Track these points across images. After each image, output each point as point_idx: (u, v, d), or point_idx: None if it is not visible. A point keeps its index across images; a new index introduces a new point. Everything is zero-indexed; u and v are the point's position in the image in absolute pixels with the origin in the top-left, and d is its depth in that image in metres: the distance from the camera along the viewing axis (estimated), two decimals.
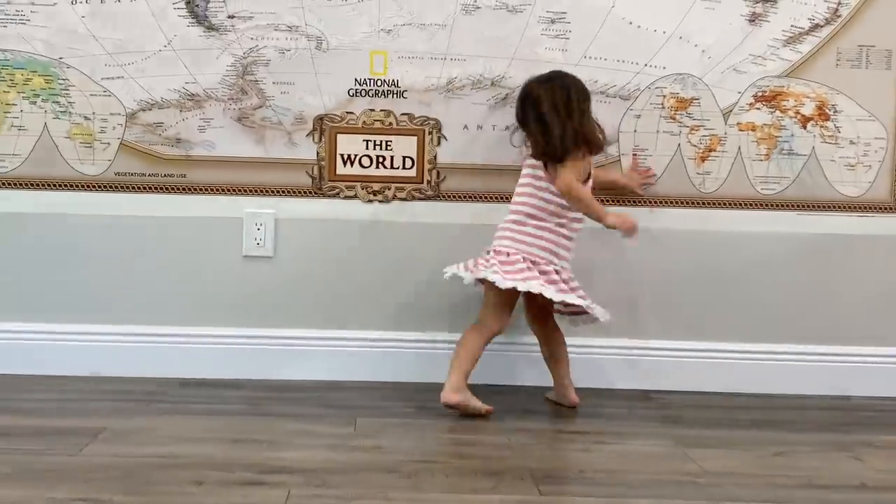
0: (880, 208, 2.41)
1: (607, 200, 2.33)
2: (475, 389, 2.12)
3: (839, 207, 2.40)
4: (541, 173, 2.14)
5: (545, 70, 2.30)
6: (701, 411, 2.22)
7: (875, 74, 2.38)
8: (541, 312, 2.22)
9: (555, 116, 2.09)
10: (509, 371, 2.38)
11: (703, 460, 1.83)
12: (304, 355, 2.39)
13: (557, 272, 2.11)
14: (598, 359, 2.39)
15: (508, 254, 2.12)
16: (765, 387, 2.40)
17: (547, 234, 2.13)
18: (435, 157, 2.37)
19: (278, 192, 2.38)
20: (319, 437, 1.91)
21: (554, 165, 2.11)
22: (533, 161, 2.16)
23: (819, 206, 2.39)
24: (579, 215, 2.15)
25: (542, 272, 2.09)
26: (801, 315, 2.42)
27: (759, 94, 2.37)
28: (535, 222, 2.13)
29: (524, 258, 2.10)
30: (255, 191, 2.38)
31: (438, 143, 2.37)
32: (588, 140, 2.11)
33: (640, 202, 2.38)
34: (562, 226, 2.14)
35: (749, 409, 2.25)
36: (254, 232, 2.38)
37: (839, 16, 2.36)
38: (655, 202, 2.38)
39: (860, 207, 2.41)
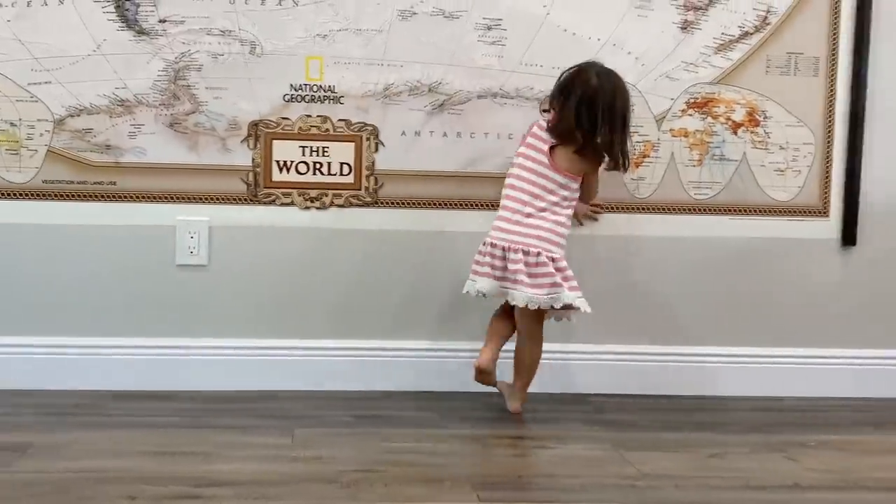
0: (809, 212, 2.47)
1: None
2: (415, 396, 2.11)
3: (770, 212, 2.45)
4: (545, 158, 2.14)
5: (483, 77, 2.32)
6: (639, 414, 2.24)
7: (803, 81, 2.43)
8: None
9: (619, 122, 2.12)
10: (448, 377, 2.38)
11: (640, 463, 1.85)
12: (239, 365, 2.35)
13: (558, 265, 2.12)
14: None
15: (529, 252, 2.10)
16: (700, 389, 2.43)
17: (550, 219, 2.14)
18: (373, 163, 2.36)
19: (212, 199, 2.34)
20: (256, 448, 1.88)
21: (566, 154, 2.13)
22: (540, 145, 2.15)
23: (750, 211, 2.44)
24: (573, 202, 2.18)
25: (558, 269, 2.10)
26: (735, 318, 2.46)
27: (692, 100, 2.41)
28: (540, 205, 2.14)
29: (541, 253, 2.10)
30: (189, 198, 2.34)
31: (376, 150, 2.36)
32: (624, 156, 2.15)
33: None
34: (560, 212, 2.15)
35: (685, 411, 2.28)
36: (187, 240, 2.33)
37: (768, 24, 2.41)
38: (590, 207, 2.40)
39: (790, 211, 2.46)
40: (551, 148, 2.13)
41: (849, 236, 2.47)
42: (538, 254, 2.09)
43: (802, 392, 2.46)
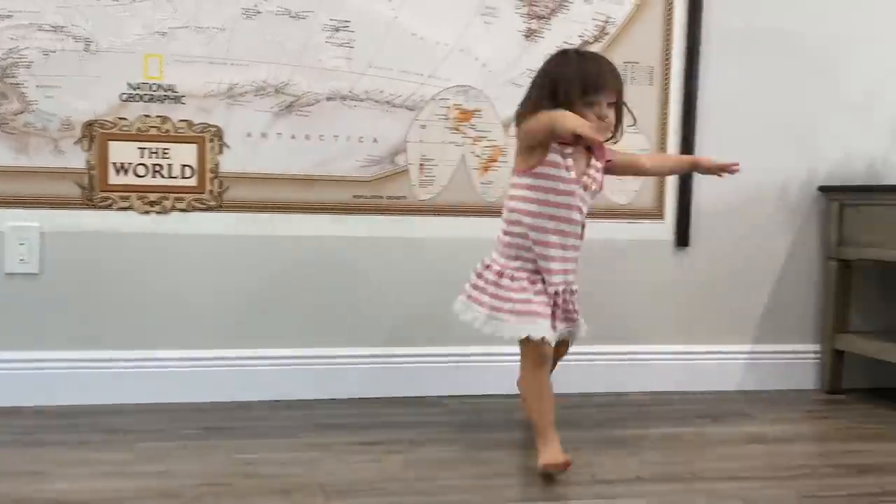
0: (646, 215, 2.57)
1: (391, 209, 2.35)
2: (268, 405, 2.06)
3: (610, 214, 2.53)
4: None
5: (332, 78, 2.30)
6: (492, 414, 2.26)
7: (640, 89, 2.53)
8: None
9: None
10: (302, 385, 2.34)
11: (494, 462, 1.87)
12: (76, 378, 2.23)
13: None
14: (382, 367, 2.40)
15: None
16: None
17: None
18: (217, 165, 2.29)
19: (44, 203, 2.21)
20: (95, 464, 1.79)
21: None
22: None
23: (593, 214, 2.50)
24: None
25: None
26: (583, 317, 2.52)
27: None
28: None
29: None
30: (18, 203, 2.19)
31: (221, 152, 2.29)
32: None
33: (425, 211, 2.41)
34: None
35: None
36: (17, 247, 2.19)
37: (607, 33, 2.50)
38: (442, 211, 2.42)
39: (629, 214, 2.56)
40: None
41: (682, 237, 2.59)
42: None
43: (643, 387, 2.56)
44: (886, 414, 2.43)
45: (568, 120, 1.75)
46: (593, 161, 1.94)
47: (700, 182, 2.58)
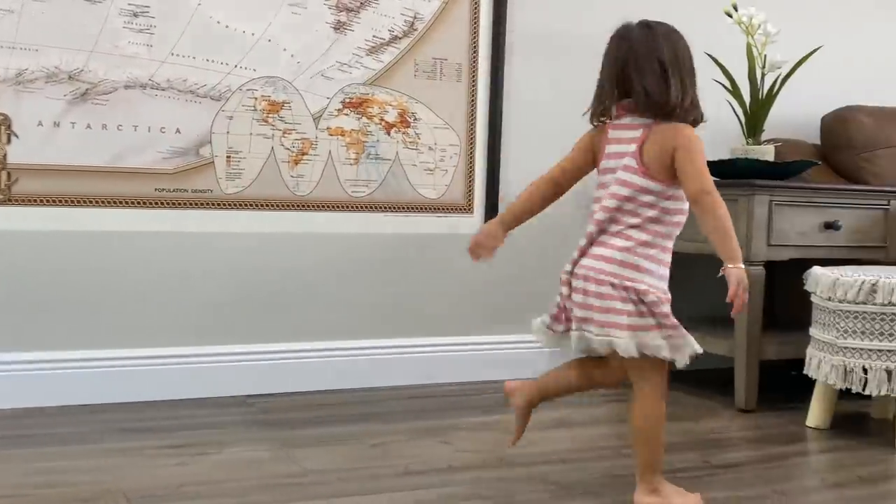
0: (456, 209, 2.62)
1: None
2: (66, 410, 1.93)
3: (421, 208, 2.57)
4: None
5: (131, 66, 2.20)
6: (303, 412, 2.24)
7: (449, 86, 2.58)
8: None
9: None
10: (102, 388, 2.22)
11: (305, 460, 1.85)
12: None
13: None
14: (186, 367, 2.33)
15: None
16: (364, 381, 2.49)
17: None
18: (4, 156, 2.13)
19: None
20: None
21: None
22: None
23: (404, 208, 2.54)
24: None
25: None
26: (393, 310, 2.55)
27: (347, 100, 2.45)
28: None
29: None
30: None
31: (9, 142, 2.14)
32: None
33: (232, 205, 2.35)
34: None
35: (348, 404, 2.32)
36: None
37: (415, 29, 2.53)
38: (251, 205, 2.37)
39: (439, 208, 2.60)
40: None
41: None
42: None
43: (454, 378, 2.61)
44: (676, 395, 2.58)
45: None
46: None
47: (507, 177, 2.66)
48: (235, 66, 2.33)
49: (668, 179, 1.66)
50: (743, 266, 1.61)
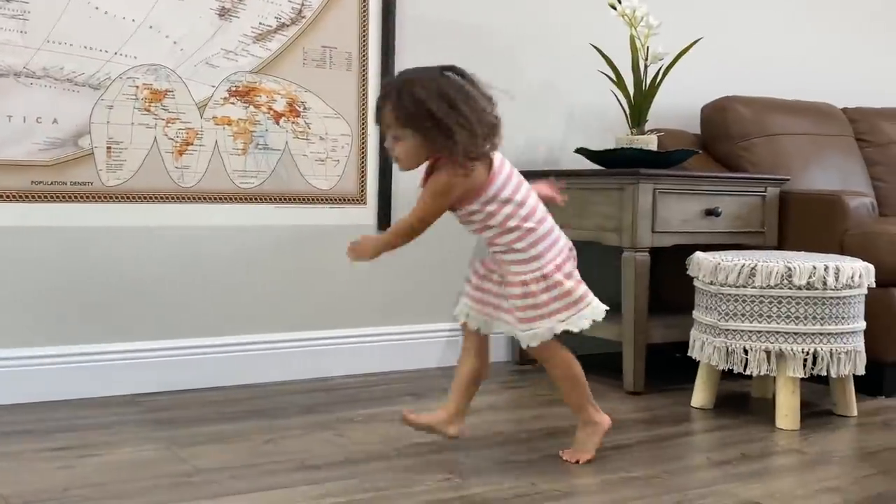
0: (349, 200, 2.60)
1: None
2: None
3: (312, 200, 2.53)
4: None
5: (4, 53, 2.09)
6: (192, 409, 2.18)
7: (339, 74, 2.54)
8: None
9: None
10: None
11: (196, 458, 1.80)
12: None
13: None
14: (67, 367, 2.24)
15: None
16: (255, 376, 2.44)
17: None
18: None
19: None
20: None
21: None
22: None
23: (295, 199, 2.50)
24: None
25: None
26: (284, 303, 2.51)
27: (233, 88, 2.40)
28: None
29: None
30: None
31: None
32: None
33: (113, 198, 2.27)
34: None
35: (239, 400, 2.28)
36: None
37: (303, 17, 2.49)
38: (133, 198, 2.28)
39: (331, 199, 2.57)
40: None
41: (384, 221, 2.64)
42: None
43: (348, 370, 2.59)
44: None
45: None
46: None
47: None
48: (115, 54, 2.24)
49: (458, 203, 1.83)
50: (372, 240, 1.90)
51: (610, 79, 2.69)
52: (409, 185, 2.67)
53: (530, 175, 2.77)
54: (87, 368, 2.25)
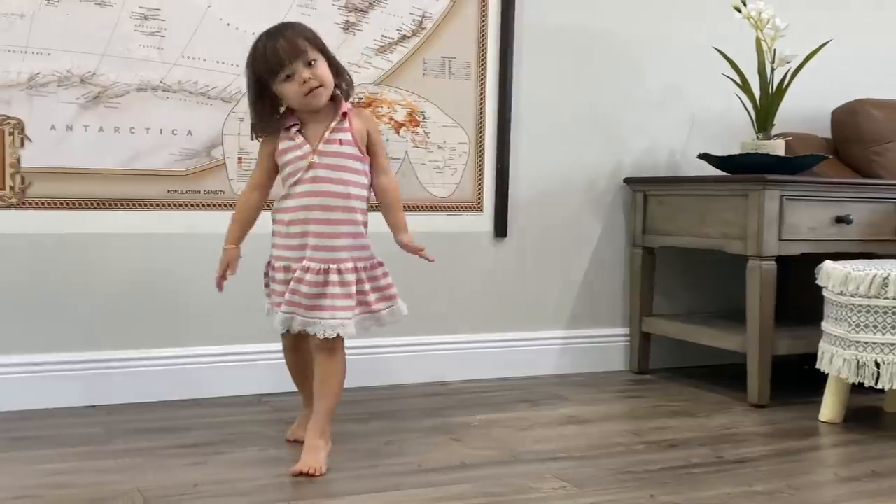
0: (465, 207, 2.62)
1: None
2: (78, 412, 1.94)
3: (430, 207, 2.57)
4: None
5: (142, 68, 2.21)
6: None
7: (457, 84, 2.57)
8: None
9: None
10: (116, 389, 2.23)
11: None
12: None
13: None
14: (196, 367, 2.33)
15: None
16: (377, 379, 2.49)
17: None
18: (18, 160, 2.14)
19: None
20: None
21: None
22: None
23: (413, 207, 2.53)
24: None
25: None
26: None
27: (356, 100, 2.45)
28: None
29: None
30: None
31: (22, 145, 2.15)
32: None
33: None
34: None
35: (361, 402, 2.32)
36: None
37: (424, 28, 2.53)
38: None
39: (449, 207, 2.60)
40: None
41: (500, 228, 2.65)
42: None
43: (465, 375, 2.61)
44: (689, 391, 2.59)
45: None
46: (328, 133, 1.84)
47: (517, 175, 2.66)
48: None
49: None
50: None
51: (735, 82, 2.63)
52: (525, 191, 2.68)
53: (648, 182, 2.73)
54: (214, 369, 2.34)
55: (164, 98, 2.26)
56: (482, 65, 2.60)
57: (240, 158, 2.34)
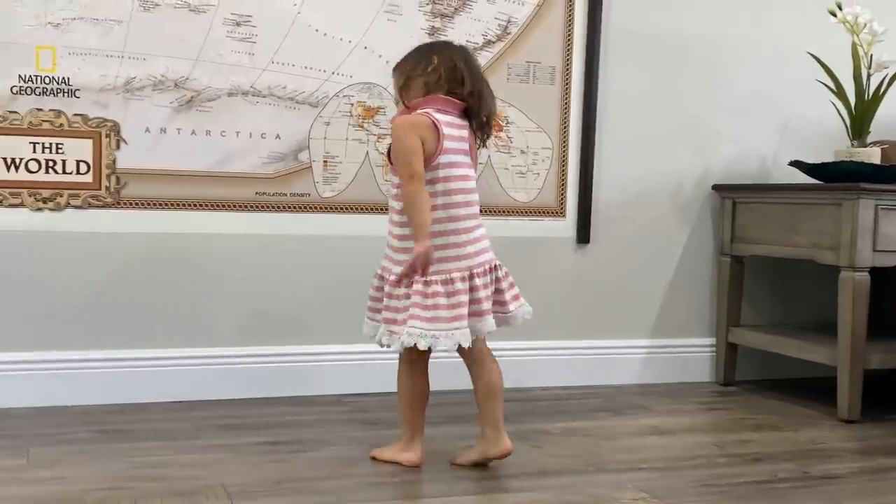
0: (548, 212, 2.61)
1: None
2: (165, 407, 2.00)
3: (512, 212, 2.57)
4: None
5: (234, 73, 2.28)
6: (395, 412, 2.25)
7: (541, 89, 2.57)
8: None
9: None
10: (201, 386, 2.30)
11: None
12: None
13: None
14: (281, 366, 2.38)
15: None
16: (455, 383, 2.49)
17: None
18: (114, 161, 2.23)
19: None
20: None
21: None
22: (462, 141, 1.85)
23: (495, 211, 2.54)
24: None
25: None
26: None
27: None
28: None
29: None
30: None
31: (118, 147, 2.23)
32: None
33: (329, 208, 2.40)
34: None
35: (440, 406, 2.30)
36: None
37: (509, 33, 2.53)
38: (346, 208, 2.41)
39: (531, 212, 2.60)
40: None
41: (583, 235, 2.64)
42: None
43: (545, 382, 2.61)
44: (776, 404, 2.54)
45: None
46: None
47: (600, 180, 2.64)
48: (333, 73, 2.38)
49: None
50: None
51: (829, 88, 2.56)
52: (609, 197, 2.67)
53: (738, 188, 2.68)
54: (300, 368, 2.39)
55: (254, 103, 2.32)
56: (567, 69, 2.59)
57: (325, 162, 2.39)
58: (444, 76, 1.82)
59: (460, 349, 1.81)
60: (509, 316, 1.90)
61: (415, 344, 1.74)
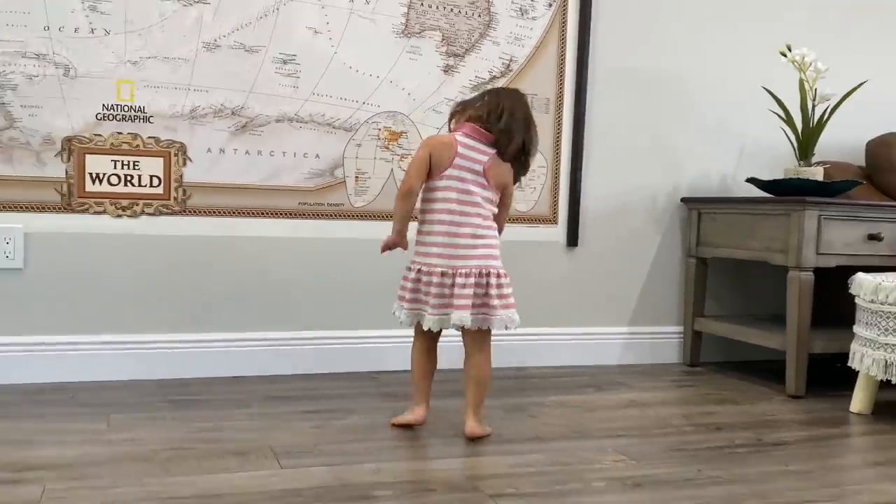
0: (542, 220, 2.61)
1: None
2: (222, 381, 2.00)
3: (513, 220, 2.56)
4: (481, 176, 1.82)
5: (281, 103, 2.28)
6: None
7: (538, 117, 2.51)
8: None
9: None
10: (250, 364, 2.31)
11: (418, 427, 1.87)
12: (57, 359, 2.15)
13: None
14: (325, 348, 2.38)
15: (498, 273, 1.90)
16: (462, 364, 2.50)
17: None
18: (181, 176, 2.24)
19: (27, 207, 2.12)
20: (73, 434, 1.73)
21: (499, 170, 1.84)
22: (476, 162, 1.81)
23: None
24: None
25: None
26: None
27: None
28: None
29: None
30: (3, 206, 2.11)
31: (184, 164, 2.24)
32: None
33: (359, 216, 2.40)
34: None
35: (448, 381, 2.33)
36: (2, 245, 2.10)
37: (511, 70, 2.53)
38: (374, 216, 2.41)
39: (529, 219, 2.59)
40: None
41: (572, 239, 2.63)
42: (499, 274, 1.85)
43: (540, 363, 2.60)
44: (735, 382, 2.52)
45: None
46: None
47: (587, 194, 2.63)
48: (363, 103, 2.38)
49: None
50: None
51: (780, 117, 2.55)
52: (594, 207, 2.65)
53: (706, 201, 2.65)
54: (335, 350, 2.39)
55: (298, 128, 2.32)
56: (560, 100, 2.58)
57: (356, 177, 2.39)
58: (487, 112, 1.81)
59: (463, 335, 1.83)
60: (491, 319, 1.81)
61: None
